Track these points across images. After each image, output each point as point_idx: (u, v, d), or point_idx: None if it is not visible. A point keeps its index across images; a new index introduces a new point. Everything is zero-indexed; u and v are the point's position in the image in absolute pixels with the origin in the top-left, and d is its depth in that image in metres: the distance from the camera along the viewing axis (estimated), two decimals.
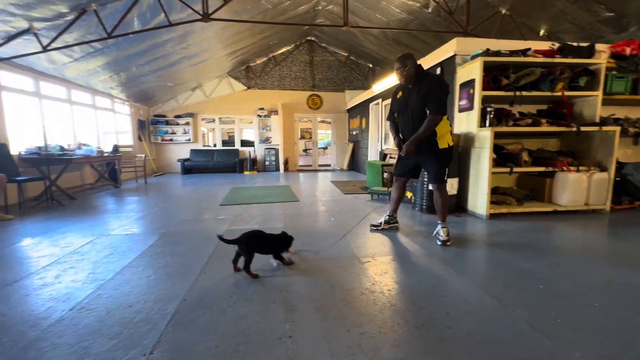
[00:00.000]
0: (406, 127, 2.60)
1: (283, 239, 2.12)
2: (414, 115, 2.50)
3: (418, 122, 2.48)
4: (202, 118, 9.57)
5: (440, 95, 2.39)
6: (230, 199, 4.70)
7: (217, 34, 6.40)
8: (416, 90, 2.47)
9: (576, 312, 1.52)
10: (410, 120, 2.55)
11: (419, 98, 2.44)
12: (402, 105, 2.60)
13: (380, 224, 2.93)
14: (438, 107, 2.39)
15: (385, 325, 1.43)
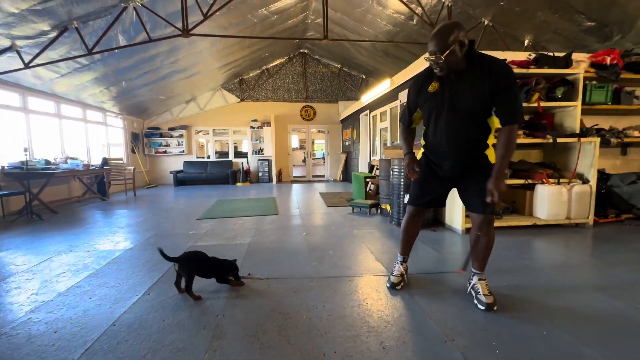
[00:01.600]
0: (445, 136, 1.66)
1: (224, 265, 2.01)
2: (466, 121, 1.61)
3: (474, 130, 1.62)
4: (196, 130, 9.65)
5: (517, 94, 1.56)
6: (210, 213, 4.65)
7: (206, 48, 6.50)
8: (469, 83, 1.56)
9: (519, 342, 1.40)
10: (456, 127, 1.63)
11: (477, 95, 1.55)
12: (438, 103, 1.65)
13: (402, 277, 2.01)
14: (518, 112, 1.55)
15: (310, 356, 1.34)
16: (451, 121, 1.64)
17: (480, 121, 1.63)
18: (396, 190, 3.65)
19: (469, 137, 1.65)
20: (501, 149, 1.54)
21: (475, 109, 1.59)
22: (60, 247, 3.00)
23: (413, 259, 2.52)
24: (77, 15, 3.96)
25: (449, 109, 1.63)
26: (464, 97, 1.59)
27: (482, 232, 1.71)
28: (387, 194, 4.14)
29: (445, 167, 1.75)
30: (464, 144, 1.66)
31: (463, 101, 1.59)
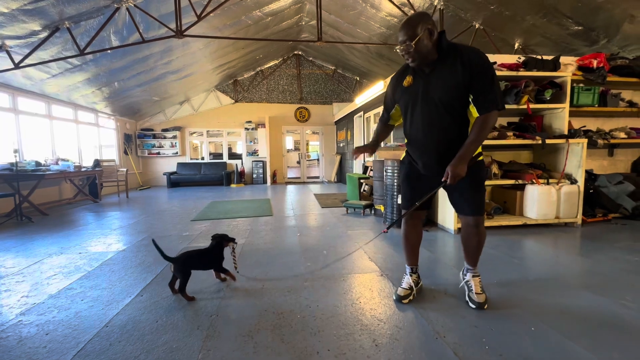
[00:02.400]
0: (421, 129, 1.63)
1: (216, 246, 2.06)
2: (441, 112, 1.57)
3: (450, 122, 1.58)
4: (190, 131, 9.59)
5: (493, 79, 1.49)
6: (204, 214, 4.63)
7: (200, 49, 6.48)
8: (442, 73, 1.54)
9: (508, 338, 1.44)
10: (431, 119, 1.60)
11: (449, 85, 1.52)
12: (412, 96, 1.63)
13: (410, 290, 1.83)
14: (496, 98, 1.49)
15: (303, 354, 1.35)
16: (426, 113, 1.61)
17: (457, 112, 1.58)
18: (389, 191, 3.68)
19: (445, 129, 1.60)
20: (472, 134, 1.52)
21: (449, 99, 1.54)
22: (51, 249, 2.96)
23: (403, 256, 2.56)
24: (69, 15, 3.93)
25: (423, 101, 1.60)
26: (437, 88, 1.56)
27: (472, 232, 1.72)
28: (380, 195, 4.18)
29: (423, 162, 1.72)
30: (441, 136, 1.61)
31: (436, 92, 1.56)
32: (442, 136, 1.61)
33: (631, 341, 1.40)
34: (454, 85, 1.52)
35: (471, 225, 1.71)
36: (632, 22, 4.09)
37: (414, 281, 1.88)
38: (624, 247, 2.73)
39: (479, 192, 1.69)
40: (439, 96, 1.56)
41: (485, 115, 1.50)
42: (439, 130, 1.61)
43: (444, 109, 1.57)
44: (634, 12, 3.91)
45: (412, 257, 1.92)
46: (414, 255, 1.92)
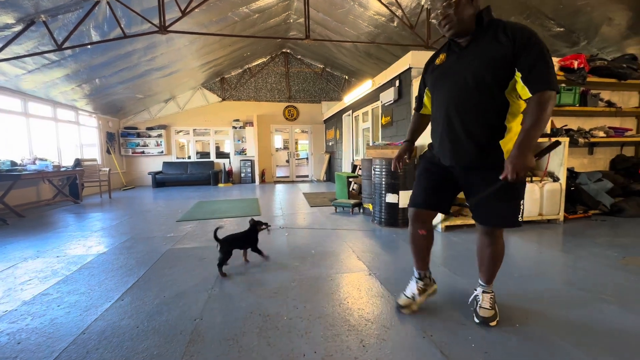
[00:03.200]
0: (444, 110, 1.41)
1: (252, 230, 2.51)
2: (471, 92, 1.32)
3: (481, 105, 1.32)
4: (176, 130, 9.39)
5: (544, 55, 1.20)
6: (190, 215, 4.53)
7: (185, 46, 6.33)
8: (479, 47, 1.31)
9: (493, 335, 1.45)
10: (457, 100, 1.36)
11: (486, 59, 1.28)
12: (442, 73, 1.43)
13: (413, 298, 1.65)
14: (550, 76, 1.20)
15: (290, 356, 1.33)
16: (453, 91, 1.36)
17: (491, 93, 1.29)
18: (378, 190, 3.69)
19: (474, 113, 1.32)
20: (528, 117, 1.22)
21: (484, 75, 1.27)
22: (27, 253, 2.83)
23: (393, 258, 2.56)
24: (45, 8, 3.76)
25: (451, 77, 1.37)
26: (472, 62, 1.31)
27: (486, 241, 1.51)
28: (369, 194, 4.18)
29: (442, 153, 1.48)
30: (468, 123, 1.34)
31: (470, 66, 1.31)
32: (470, 124, 1.34)
33: (611, 334, 1.43)
34: (493, 58, 1.26)
35: (484, 234, 1.49)
36: (609, 25, 4.22)
37: (419, 289, 1.66)
38: (603, 242, 2.81)
39: (505, 202, 1.36)
40: (472, 71, 1.31)
41: (541, 94, 1.20)
42: (466, 115, 1.34)
43: (476, 86, 1.30)
44: (612, 15, 4.04)
45: (418, 260, 1.70)
46: (421, 259, 1.69)
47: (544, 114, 1.20)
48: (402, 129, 4.21)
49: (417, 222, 1.62)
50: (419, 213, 1.61)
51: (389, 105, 4.57)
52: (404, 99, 4.13)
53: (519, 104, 1.33)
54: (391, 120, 4.57)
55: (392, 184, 3.53)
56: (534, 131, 1.21)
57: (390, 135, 4.63)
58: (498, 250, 1.52)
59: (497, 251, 1.52)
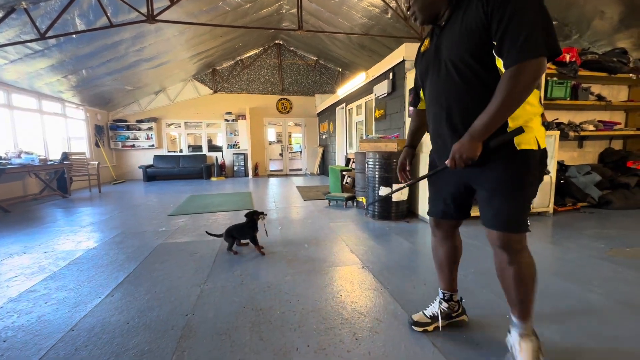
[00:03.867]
0: (430, 101, 1.24)
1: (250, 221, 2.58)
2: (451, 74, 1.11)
3: (461, 85, 1.09)
4: (166, 123, 9.22)
5: (526, 10, 0.92)
6: (181, 209, 4.48)
7: (175, 36, 6.17)
8: (454, 25, 1.10)
9: (486, 328, 1.47)
10: (439, 86, 1.17)
11: (461, 34, 1.06)
12: (425, 63, 1.25)
13: (432, 319, 1.44)
14: (531, 38, 0.92)
15: (282, 350, 1.32)
16: (434, 81, 1.19)
17: (475, 76, 1.06)
18: (371, 183, 3.69)
19: (459, 101, 1.10)
20: (493, 98, 0.98)
21: (461, 57, 1.06)
22: (13, 249, 2.76)
23: (386, 251, 2.57)
24: None
25: (433, 65, 1.18)
26: (447, 43, 1.11)
27: (503, 258, 1.14)
28: (362, 187, 4.18)
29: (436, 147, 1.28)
30: (453, 111, 1.13)
31: (445, 49, 1.12)
32: (454, 111, 1.13)
33: (600, 324, 1.46)
34: (466, 33, 1.04)
35: (499, 247, 1.14)
36: (602, 19, 4.24)
37: (443, 311, 1.42)
38: (591, 234, 2.86)
39: (514, 199, 1.08)
40: (447, 54, 1.11)
41: (515, 68, 0.93)
42: (449, 103, 1.13)
43: (456, 71, 1.09)
44: (604, 8, 4.05)
45: (442, 278, 1.45)
46: (443, 277, 1.44)
47: (513, 90, 0.93)
48: (396, 121, 4.20)
49: (437, 231, 1.42)
50: (434, 222, 1.42)
51: (383, 98, 4.54)
52: (397, 91, 4.10)
53: None
54: (385, 113, 4.55)
55: (385, 177, 3.53)
56: (494, 116, 0.97)
57: (384, 128, 4.62)
58: (523, 270, 1.13)
59: (522, 271, 1.13)
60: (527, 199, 1.10)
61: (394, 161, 3.49)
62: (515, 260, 1.13)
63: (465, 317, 1.48)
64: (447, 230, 1.40)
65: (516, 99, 0.96)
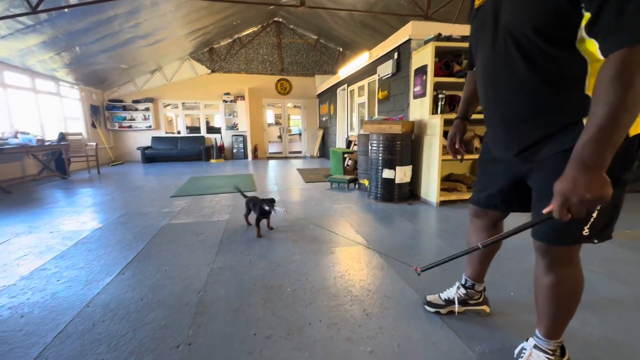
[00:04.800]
0: (481, 79, 1.00)
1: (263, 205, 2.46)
2: (509, 48, 0.85)
3: (522, 67, 0.84)
4: (163, 103, 9.04)
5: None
6: (183, 190, 4.48)
7: (171, 11, 5.93)
8: None
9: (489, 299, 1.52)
10: (493, 61, 0.92)
11: None
12: (484, 21, 0.94)
13: (447, 302, 1.42)
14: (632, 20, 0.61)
15: (295, 326, 1.37)
16: (488, 54, 0.93)
17: (543, 56, 0.80)
18: (374, 165, 3.68)
19: (515, 86, 0.87)
20: (598, 99, 0.68)
21: (528, 26, 0.79)
22: (18, 229, 2.77)
23: (390, 232, 2.61)
24: None
25: (489, 30, 0.91)
26: (510, 4, 0.84)
27: (541, 266, 1.00)
28: (365, 169, 4.18)
29: (491, 134, 1.07)
30: (508, 99, 0.90)
31: (507, 13, 0.84)
32: (509, 99, 0.90)
33: (601, 303, 1.52)
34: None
35: (538, 253, 1.00)
36: None
37: (460, 297, 1.38)
38: None
39: None
40: (506, 21, 0.85)
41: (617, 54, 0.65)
42: (503, 86, 0.91)
43: (516, 46, 0.83)
44: None
45: (469, 265, 1.37)
46: (472, 266, 1.35)
47: (628, 92, 0.63)
48: (400, 103, 4.14)
49: (475, 221, 1.28)
50: (474, 210, 1.26)
51: (387, 79, 4.46)
52: (402, 72, 4.02)
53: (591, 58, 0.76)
54: (388, 95, 4.48)
55: (389, 159, 3.53)
56: (607, 129, 0.66)
57: (387, 110, 4.56)
58: (562, 286, 0.96)
59: (561, 287, 0.96)
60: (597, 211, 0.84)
61: (397, 143, 3.48)
62: (553, 272, 0.96)
63: (487, 307, 1.40)
64: (487, 222, 1.23)
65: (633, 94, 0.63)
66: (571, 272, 0.96)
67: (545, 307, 1.00)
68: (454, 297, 1.40)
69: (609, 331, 1.30)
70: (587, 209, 0.70)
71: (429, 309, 1.45)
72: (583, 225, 0.86)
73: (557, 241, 0.91)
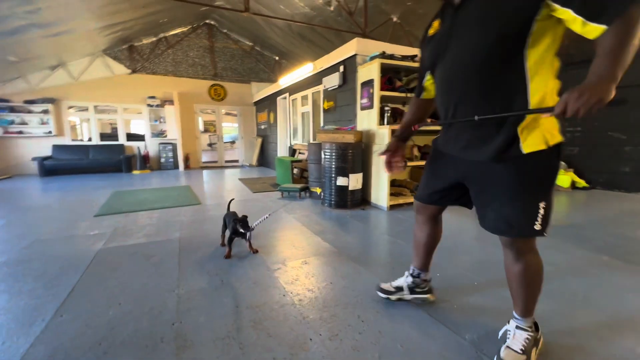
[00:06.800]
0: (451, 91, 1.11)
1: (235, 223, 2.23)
2: (468, 68, 1.02)
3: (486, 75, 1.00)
4: (68, 105, 7.63)
5: None
6: (110, 207, 3.84)
7: (84, 0, 5.11)
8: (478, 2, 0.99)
9: (458, 290, 1.71)
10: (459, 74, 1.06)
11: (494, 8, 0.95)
12: (441, 46, 1.11)
13: (397, 289, 1.60)
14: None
15: (297, 343, 1.31)
16: (449, 74, 1.09)
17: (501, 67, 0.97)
18: (328, 173, 3.78)
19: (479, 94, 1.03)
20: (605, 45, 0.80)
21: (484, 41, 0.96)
22: None
23: (355, 237, 2.70)
24: None
25: (445, 54, 1.08)
26: (468, 26, 1.00)
27: (510, 257, 1.17)
28: (316, 177, 4.25)
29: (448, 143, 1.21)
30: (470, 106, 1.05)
31: (464, 34, 1.01)
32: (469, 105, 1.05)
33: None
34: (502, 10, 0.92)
35: (504, 246, 1.17)
36: None
37: (408, 285, 1.58)
38: None
39: (517, 202, 1.05)
40: (468, 37, 1.00)
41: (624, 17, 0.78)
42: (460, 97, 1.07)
43: (476, 57, 0.99)
44: None
45: (416, 257, 1.54)
46: (417, 255, 1.53)
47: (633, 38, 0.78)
48: (347, 114, 4.36)
49: (418, 216, 1.49)
50: (419, 206, 1.46)
51: (333, 90, 4.65)
52: (348, 84, 4.25)
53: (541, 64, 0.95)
54: (335, 105, 4.67)
55: (342, 167, 3.66)
56: (621, 54, 0.78)
57: (333, 120, 4.74)
58: (529, 271, 1.15)
59: (528, 272, 1.15)
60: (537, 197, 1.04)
61: (349, 152, 3.64)
62: (520, 260, 1.14)
63: (431, 296, 1.58)
64: (428, 216, 1.44)
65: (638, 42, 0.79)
66: (534, 259, 1.16)
67: (519, 290, 1.19)
68: (403, 284, 1.59)
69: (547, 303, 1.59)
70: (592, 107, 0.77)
71: (381, 295, 1.61)
72: (534, 221, 1.05)
73: (514, 233, 1.09)
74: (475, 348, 1.27)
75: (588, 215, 3.32)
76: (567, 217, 3.29)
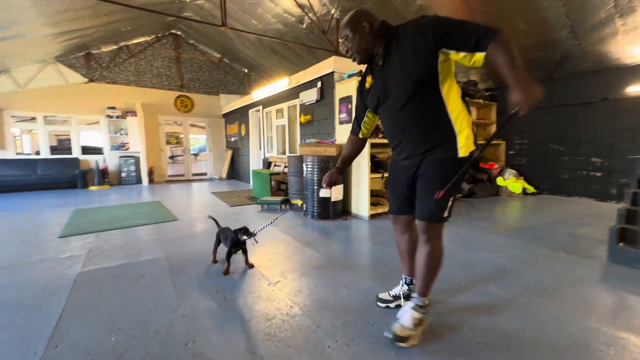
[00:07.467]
0: (398, 129, 1.42)
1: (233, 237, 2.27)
2: (402, 101, 1.34)
3: (420, 110, 1.32)
4: (12, 115, 6.89)
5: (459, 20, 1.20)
6: (76, 227, 3.53)
7: (37, 4, 4.74)
8: (395, 58, 1.32)
9: (451, 290, 1.88)
10: (398, 116, 1.38)
11: (405, 65, 1.29)
12: (379, 97, 1.44)
13: (395, 297, 1.74)
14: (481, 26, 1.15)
15: (317, 352, 1.36)
16: (390, 110, 1.41)
17: (426, 96, 1.30)
18: (310, 185, 3.87)
19: (416, 120, 1.34)
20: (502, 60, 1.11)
21: (411, 82, 1.28)
22: None
23: (347, 247, 2.81)
24: None
25: (385, 98, 1.42)
26: (394, 76, 1.34)
27: (421, 240, 1.44)
28: (297, 190, 4.31)
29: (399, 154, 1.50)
30: (413, 131, 1.37)
31: (394, 81, 1.35)
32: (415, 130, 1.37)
33: (482, 270, 2.09)
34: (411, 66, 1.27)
35: (420, 231, 1.45)
36: None
37: (404, 292, 1.72)
38: (476, 217, 3.88)
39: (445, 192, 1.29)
40: (398, 85, 1.33)
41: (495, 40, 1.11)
42: (403, 125, 1.39)
43: (407, 97, 1.31)
44: None
45: (404, 265, 1.72)
46: (405, 264, 1.71)
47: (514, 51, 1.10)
48: (325, 127, 4.51)
49: (396, 226, 1.66)
50: (394, 219, 1.65)
51: (310, 105, 4.79)
52: (326, 99, 4.43)
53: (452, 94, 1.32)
54: (312, 119, 4.81)
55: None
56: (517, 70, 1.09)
57: (311, 133, 4.87)
58: (433, 255, 1.42)
59: (432, 256, 1.42)
60: (452, 193, 1.35)
61: (331, 164, 3.78)
62: (427, 243, 1.42)
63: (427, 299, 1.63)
64: (404, 224, 1.62)
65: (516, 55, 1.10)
66: (438, 245, 1.43)
67: (422, 271, 1.45)
68: (399, 293, 1.73)
69: (510, 292, 1.82)
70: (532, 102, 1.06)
71: (380, 305, 1.74)
72: (444, 211, 1.37)
73: (433, 219, 1.38)
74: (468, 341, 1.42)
75: (542, 218, 3.78)
76: (526, 220, 3.71)
